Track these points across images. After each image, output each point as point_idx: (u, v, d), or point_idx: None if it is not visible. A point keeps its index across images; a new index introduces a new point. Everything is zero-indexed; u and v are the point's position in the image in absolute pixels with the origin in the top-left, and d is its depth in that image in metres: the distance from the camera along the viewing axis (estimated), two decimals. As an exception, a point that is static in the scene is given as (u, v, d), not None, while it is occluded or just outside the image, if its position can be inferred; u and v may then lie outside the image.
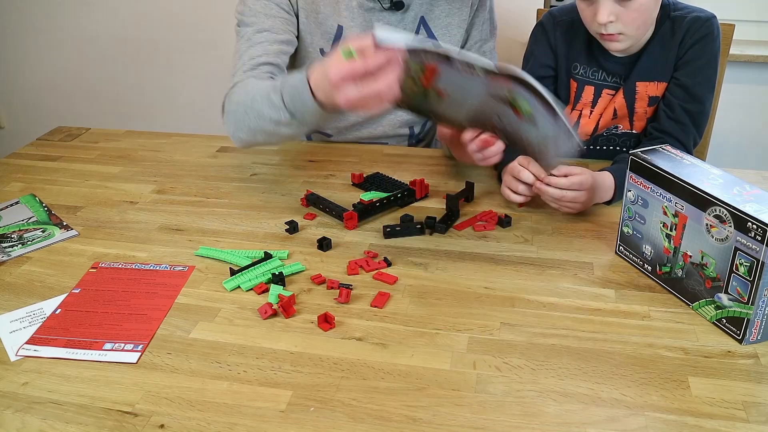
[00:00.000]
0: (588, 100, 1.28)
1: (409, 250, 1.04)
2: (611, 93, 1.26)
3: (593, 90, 1.27)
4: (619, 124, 1.29)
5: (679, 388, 0.76)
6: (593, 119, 1.29)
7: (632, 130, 1.29)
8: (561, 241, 1.05)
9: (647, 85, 1.23)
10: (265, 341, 0.85)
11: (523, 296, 0.93)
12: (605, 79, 1.26)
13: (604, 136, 1.32)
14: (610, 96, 1.26)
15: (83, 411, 0.74)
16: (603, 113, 1.28)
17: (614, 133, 1.31)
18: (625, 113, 1.27)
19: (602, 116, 1.29)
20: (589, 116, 1.29)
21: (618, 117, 1.28)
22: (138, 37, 2.54)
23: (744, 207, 0.79)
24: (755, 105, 2.14)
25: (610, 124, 1.30)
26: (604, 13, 1.11)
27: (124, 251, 1.05)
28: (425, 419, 0.72)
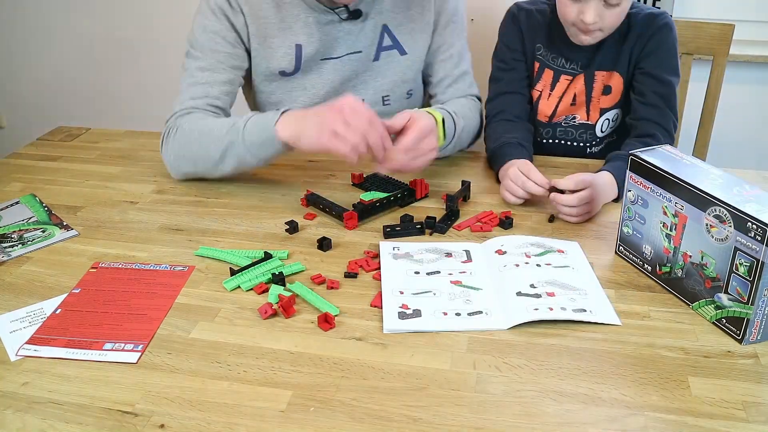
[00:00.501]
0: (547, 82, 1.36)
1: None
2: (569, 78, 1.33)
3: (552, 74, 1.35)
4: (576, 113, 1.36)
5: (679, 388, 0.76)
6: (551, 102, 1.37)
7: (588, 120, 1.36)
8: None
9: (603, 74, 1.32)
10: (265, 341, 0.85)
11: (523, 296, 0.93)
12: (563, 66, 1.33)
13: (562, 126, 1.38)
14: (568, 81, 1.34)
15: (83, 411, 0.74)
16: (563, 98, 1.35)
17: (572, 124, 1.37)
18: (584, 100, 1.34)
19: (562, 101, 1.35)
20: (548, 98, 1.37)
21: (576, 104, 1.35)
22: (138, 38, 2.54)
23: (744, 207, 0.79)
24: (755, 105, 2.14)
25: (569, 110, 1.36)
26: (592, 13, 1.19)
27: (124, 251, 1.05)
28: (425, 419, 0.72)
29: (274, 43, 1.29)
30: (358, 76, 1.35)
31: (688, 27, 1.54)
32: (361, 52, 1.33)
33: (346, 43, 1.31)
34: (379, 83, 1.36)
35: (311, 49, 1.30)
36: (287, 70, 1.31)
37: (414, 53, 1.36)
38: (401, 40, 1.34)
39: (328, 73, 1.33)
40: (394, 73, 1.36)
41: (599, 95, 1.33)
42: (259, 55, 1.30)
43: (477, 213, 1.13)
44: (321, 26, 1.29)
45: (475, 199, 1.19)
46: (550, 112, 1.38)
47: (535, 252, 1.01)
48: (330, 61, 1.32)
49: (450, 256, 1.00)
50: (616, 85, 1.32)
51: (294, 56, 1.30)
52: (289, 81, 1.33)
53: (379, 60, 1.35)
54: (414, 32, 1.35)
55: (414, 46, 1.36)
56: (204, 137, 1.19)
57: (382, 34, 1.33)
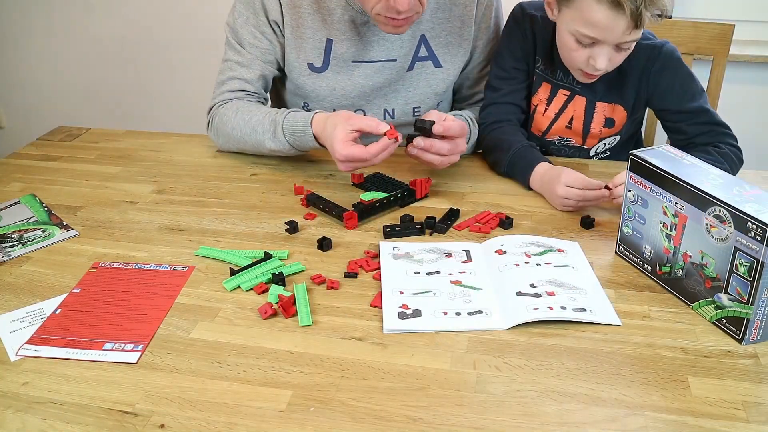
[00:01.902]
0: (544, 97, 1.31)
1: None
2: (566, 94, 1.29)
3: (550, 88, 1.30)
4: (571, 138, 1.32)
5: (679, 388, 0.76)
6: (547, 118, 1.32)
7: (584, 145, 1.33)
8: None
9: (606, 106, 1.27)
10: (265, 341, 0.85)
11: (523, 296, 0.93)
12: (561, 80, 1.29)
13: (555, 145, 1.35)
14: (565, 97, 1.29)
15: (83, 411, 0.74)
16: (559, 118, 1.31)
17: (566, 144, 1.34)
18: (580, 128, 1.30)
19: (557, 122, 1.31)
20: (543, 113, 1.32)
21: (572, 128, 1.30)
22: (138, 38, 2.54)
23: (744, 207, 0.79)
24: (755, 105, 2.14)
25: (564, 132, 1.32)
26: (605, 60, 1.14)
27: (124, 251, 1.05)
28: (425, 419, 0.72)
29: (306, 33, 1.29)
30: (391, 84, 1.34)
31: (688, 27, 1.54)
32: (396, 60, 1.31)
33: (380, 49, 1.30)
34: (411, 93, 1.35)
35: (342, 48, 1.29)
36: (316, 64, 1.31)
37: (449, 67, 1.35)
38: (437, 52, 1.33)
39: (359, 77, 1.32)
40: (427, 85, 1.35)
41: (600, 127, 1.29)
42: (290, 44, 1.31)
43: (477, 213, 1.13)
44: (356, 26, 1.28)
45: (476, 199, 1.19)
46: (544, 128, 1.33)
47: (535, 251, 1.01)
48: (362, 64, 1.31)
49: (450, 256, 1.01)
50: (619, 118, 1.28)
51: (323, 51, 1.30)
52: (318, 78, 1.32)
53: (413, 70, 1.33)
54: (451, 46, 1.33)
55: (450, 60, 1.34)
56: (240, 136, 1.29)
57: (419, 45, 1.31)
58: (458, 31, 1.32)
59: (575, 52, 1.17)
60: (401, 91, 1.35)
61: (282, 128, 1.22)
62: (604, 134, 1.30)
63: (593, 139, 1.31)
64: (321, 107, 1.34)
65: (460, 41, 1.33)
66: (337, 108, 1.34)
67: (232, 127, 1.29)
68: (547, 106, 1.31)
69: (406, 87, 1.35)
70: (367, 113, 1.36)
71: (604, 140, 1.32)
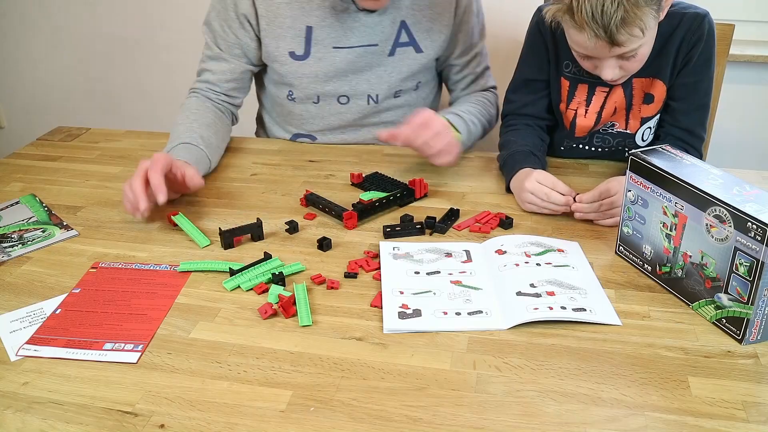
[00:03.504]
0: (582, 99, 1.26)
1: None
2: (605, 90, 1.24)
3: (587, 88, 1.25)
4: (616, 121, 1.27)
5: (678, 388, 0.76)
6: (591, 116, 1.27)
7: (627, 129, 1.27)
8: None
9: (642, 81, 1.22)
10: (265, 341, 0.85)
11: (523, 296, 0.92)
12: (598, 77, 1.20)
13: (600, 133, 1.30)
14: (604, 93, 1.24)
15: (83, 411, 0.74)
16: (603, 110, 1.26)
17: (609, 132, 1.29)
18: (623, 109, 1.25)
19: (603, 113, 1.26)
20: (585, 115, 1.27)
21: (617, 113, 1.26)
22: (138, 38, 2.54)
23: (744, 207, 0.79)
24: (755, 105, 2.14)
25: (610, 119, 1.28)
26: (609, 72, 1.11)
27: (124, 251, 1.05)
28: (425, 419, 0.72)
29: (285, 23, 1.30)
30: (372, 69, 1.36)
31: (688, 27, 1.53)
32: (377, 45, 1.33)
33: (361, 34, 1.32)
34: (393, 78, 1.38)
35: (323, 34, 1.30)
36: (297, 52, 1.32)
37: (429, 52, 1.37)
38: (418, 38, 1.35)
39: (341, 62, 1.33)
40: (409, 69, 1.38)
41: (639, 104, 1.23)
42: (268, 35, 1.32)
43: (477, 213, 1.13)
44: (336, 13, 1.29)
45: (476, 199, 1.19)
46: (591, 125, 1.28)
47: (535, 251, 1.01)
48: (343, 50, 1.32)
49: (450, 256, 1.01)
50: (658, 93, 1.21)
51: (304, 38, 1.31)
52: (301, 66, 1.34)
53: (394, 55, 1.36)
54: (432, 32, 1.35)
55: (431, 45, 1.37)
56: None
57: (399, 30, 1.34)
58: (438, 18, 1.35)
59: (582, 61, 1.15)
60: (384, 76, 1.37)
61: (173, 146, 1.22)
62: (646, 113, 1.24)
63: (635, 121, 1.26)
64: (305, 94, 1.38)
65: (441, 27, 1.36)
66: (321, 94, 1.37)
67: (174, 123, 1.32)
68: (587, 108, 1.26)
69: (388, 72, 1.37)
70: (351, 98, 1.39)
71: (648, 122, 1.26)
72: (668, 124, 1.24)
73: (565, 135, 1.31)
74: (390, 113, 1.43)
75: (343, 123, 1.42)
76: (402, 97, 1.42)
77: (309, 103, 1.39)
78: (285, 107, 1.42)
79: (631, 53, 1.08)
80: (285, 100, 1.40)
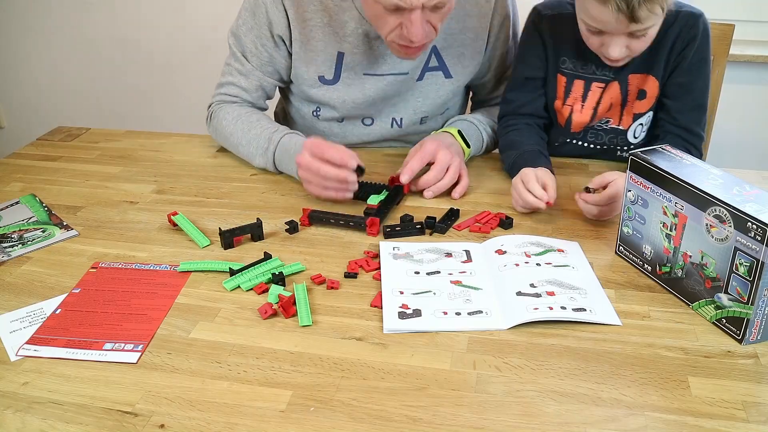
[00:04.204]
0: (579, 95, 1.27)
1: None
2: (601, 86, 1.25)
3: (583, 84, 1.26)
4: (611, 117, 1.28)
5: (678, 388, 0.76)
6: (587, 111, 1.28)
7: (620, 125, 1.28)
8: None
9: (637, 77, 1.23)
10: (265, 341, 0.85)
11: (523, 296, 0.92)
12: (594, 73, 1.24)
13: (594, 129, 1.30)
14: (600, 89, 1.25)
15: (83, 411, 0.74)
16: (599, 105, 1.26)
17: (603, 128, 1.30)
18: (618, 105, 1.26)
19: (599, 109, 1.27)
20: (581, 110, 1.28)
21: (612, 109, 1.27)
22: (138, 38, 2.54)
23: (744, 207, 0.79)
24: (755, 105, 2.14)
25: (605, 116, 1.28)
26: (617, 50, 1.11)
27: (124, 251, 1.05)
28: (425, 419, 0.72)
29: (317, 47, 1.27)
30: (400, 95, 1.34)
31: (689, 27, 1.54)
32: (408, 73, 1.30)
33: (392, 62, 1.28)
34: (420, 103, 1.35)
35: (353, 61, 1.28)
36: (327, 77, 1.30)
37: (458, 78, 1.34)
38: (448, 63, 1.32)
39: (370, 89, 1.31)
40: (436, 95, 1.35)
41: (633, 99, 1.25)
42: (299, 58, 1.29)
43: (477, 213, 1.13)
44: (369, 40, 1.26)
45: (476, 199, 1.19)
46: (587, 120, 1.29)
47: (535, 251, 1.01)
48: (373, 77, 1.30)
49: (450, 256, 1.01)
50: (651, 89, 1.23)
51: (335, 63, 1.28)
52: (329, 90, 1.32)
53: (422, 80, 1.32)
54: (463, 57, 1.32)
55: (461, 71, 1.33)
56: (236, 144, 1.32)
57: (429, 55, 1.30)
58: (471, 44, 1.31)
59: (589, 38, 1.15)
60: (410, 101, 1.35)
61: (276, 145, 1.24)
62: (638, 108, 1.26)
63: (628, 116, 1.27)
64: (330, 114, 1.36)
65: (473, 53, 1.32)
66: (346, 116, 1.35)
67: (230, 133, 1.32)
68: (583, 103, 1.27)
69: (416, 97, 1.34)
70: (376, 121, 1.37)
71: (640, 119, 1.27)
72: (666, 122, 1.24)
73: (560, 132, 1.32)
74: (413, 137, 1.39)
75: (364, 143, 1.40)
76: (427, 124, 1.39)
77: (333, 122, 1.38)
78: (308, 121, 1.40)
79: (643, 32, 1.09)
80: (309, 115, 1.38)
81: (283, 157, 1.24)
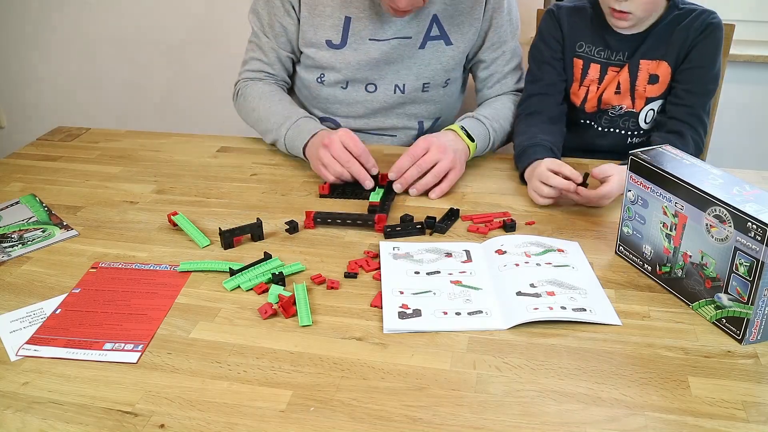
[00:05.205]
0: (595, 77, 1.34)
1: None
2: (616, 70, 1.32)
3: (599, 68, 1.33)
4: (623, 103, 1.34)
5: (679, 388, 0.76)
6: (598, 93, 1.35)
7: (633, 108, 1.34)
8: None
9: (649, 63, 1.29)
10: (265, 341, 0.85)
11: (523, 296, 0.92)
12: (610, 57, 1.32)
13: (609, 116, 1.36)
14: (615, 73, 1.32)
15: (83, 411, 0.74)
16: (607, 87, 1.33)
17: (618, 114, 1.35)
18: (628, 89, 1.32)
19: (606, 90, 1.33)
20: (596, 91, 1.35)
21: (621, 92, 1.33)
22: (138, 38, 2.54)
23: (744, 207, 0.79)
24: (755, 105, 2.14)
25: (613, 99, 1.34)
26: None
27: (124, 251, 1.05)
28: (425, 419, 0.72)
29: (325, 12, 1.34)
30: (403, 60, 1.38)
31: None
32: (411, 38, 1.36)
33: (396, 26, 1.34)
34: (422, 70, 1.40)
35: (360, 26, 1.34)
36: (334, 41, 1.36)
37: (459, 45, 1.39)
38: (449, 31, 1.37)
39: (375, 53, 1.36)
40: (438, 63, 1.40)
41: (644, 84, 1.31)
42: (307, 23, 1.35)
43: (477, 213, 1.13)
44: (375, 5, 1.32)
45: (476, 199, 1.19)
46: (596, 102, 1.36)
47: (535, 251, 1.01)
48: (378, 42, 1.35)
49: (450, 256, 1.01)
50: (663, 74, 1.29)
51: (342, 28, 1.34)
52: (336, 54, 1.37)
53: (425, 48, 1.38)
54: (462, 25, 1.37)
55: (461, 38, 1.38)
56: (257, 119, 1.39)
57: (431, 24, 1.36)
58: (469, 11, 1.37)
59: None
60: (413, 68, 1.40)
61: (292, 123, 1.30)
62: (651, 93, 1.31)
63: (640, 100, 1.33)
64: (335, 79, 1.40)
65: (471, 20, 1.37)
66: (350, 79, 1.40)
67: (253, 108, 1.39)
68: (598, 86, 1.34)
69: (418, 64, 1.39)
70: (379, 87, 1.41)
71: (651, 104, 1.33)
72: (673, 105, 1.29)
73: (575, 111, 1.38)
74: (415, 106, 1.45)
75: (368, 111, 1.44)
76: (429, 92, 1.43)
77: (337, 88, 1.42)
78: (313, 90, 1.44)
79: None
80: (314, 82, 1.43)
81: (294, 137, 1.29)
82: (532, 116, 1.34)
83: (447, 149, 1.20)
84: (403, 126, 1.47)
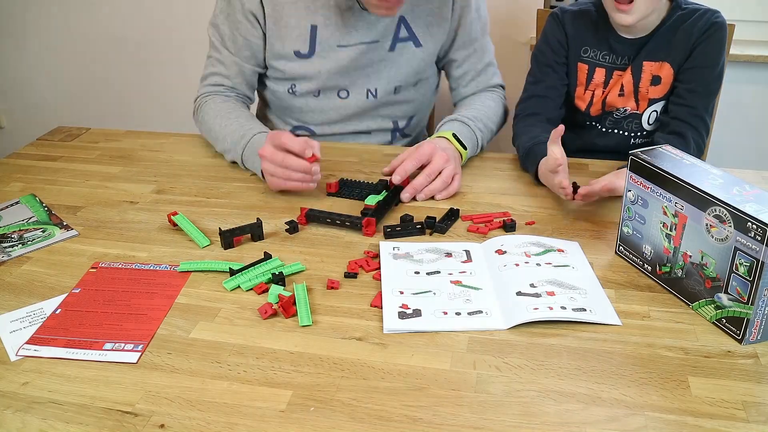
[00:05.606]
0: (600, 81, 1.35)
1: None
2: (620, 73, 1.33)
3: (604, 72, 1.34)
4: (627, 106, 1.35)
5: (678, 388, 0.76)
6: (602, 97, 1.36)
7: (637, 110, 1.35)
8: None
9: (652, 65, 1.30)
10: (265, 341, 0.85)
11: (523, 296, 0.92)
12: (614, 62, 1.32)
13: (614, 117, 1.37)
14: (619, 75, 1.33)
15: (83, 411, 0.74)
16: (611, 90, 1.34)
17: (622, 116, 1.36)
18: (631, 90, 1.33)
19: (610, 92, 1.34)
20: (602, 95, 1.35)
21: (625, 95, 1.34)
22: (138, 38, 2.54)
23: (744, 207, 0.79)
24: (755, 105, 2.14)
25: (617, 101, 1.35)
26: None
27: (124, 251, 1.05)
28: (425, 419, 0.72)
29: (290, 23, 1.32)
30: (373, 64, 1.37)
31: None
32: (378, 41, 1.35)
33: (363, 31, 1.33)
34: (393, 73, 1.39)
35: (327, 33, 1.32)
36: (302, 51, 1.34)
37: (428, 46, 1.39)
38: (417, 32, 1.36)
39: (344, 59, 1.35)
40: (409, 65, 1.39)
41: (647, 85, 1.31)
42: (273, 35, 1.33)
43: (477, 213, 1.13)
44: (341, 11, 1.31)
45: (476, 199, 1.19)
46: (600, 105, 1.36)
47: (535, 251, 1.01)
48: (346, 48, 1.34)
49: (450, 256, 1.01)
50: (666, 75, 1.30)
51: (309, 37, 1.32)
52: (305, 63, 1.35)
53: (394, 51, 1.37)
54: (431, 26, 1.37)
55: (430, 39, 1.38)
56: (215, 139, 1.34)
57: (398, 26, 1.35)
58: (437, 11, 1.36)
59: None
60: (383, 72, 1.39)
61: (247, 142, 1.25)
62: (653, 94, 1.32)
63: (643, 101, 1.34)
64: (306, 88, 1.39)
65: (440, 20, 1.37)
66: (322, 87, 1.39)
67: (209, 129, 1.36)
68: (604, 89, 1.35)
69: (388, 67, 1.38)
70: (351, 93, 1.40)
71: (654, 105, 1.33)
72: (675, 105, 1.30)
73: (580, 115, 1.39)
74: (389, 108, 1.44)
75: (341, 117, 1.43)
76: (401, 94, 1.43)
77: (309, 97, 1.41)
78: (284, 101, 1.44)
79: None
80: (285, 94, 1.42)
81: (249, 155, 1.25)
82: (531, 117, 1.35)
83: (449, 156, 1.20)
84: (378, 127, 1.47)
